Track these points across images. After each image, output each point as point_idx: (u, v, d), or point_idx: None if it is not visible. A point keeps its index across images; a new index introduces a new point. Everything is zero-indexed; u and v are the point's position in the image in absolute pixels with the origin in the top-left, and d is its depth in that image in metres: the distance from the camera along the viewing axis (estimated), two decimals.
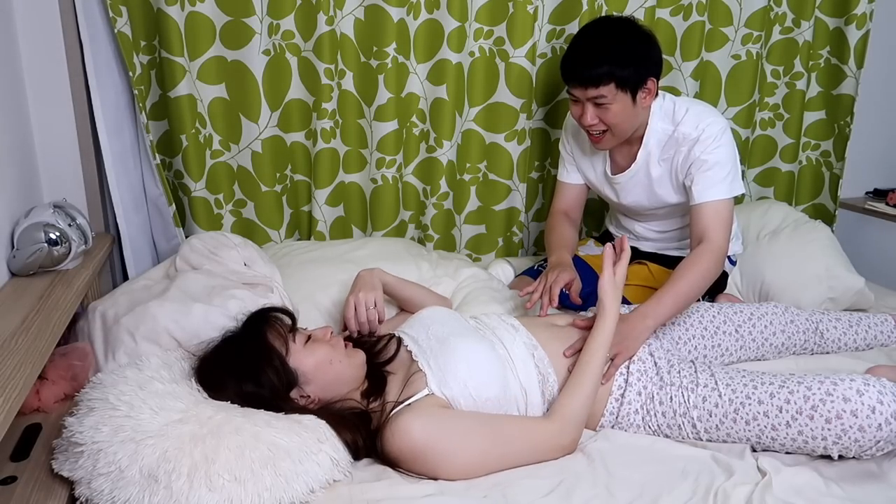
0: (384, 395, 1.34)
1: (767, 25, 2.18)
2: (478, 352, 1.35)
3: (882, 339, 1.73)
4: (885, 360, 1.63)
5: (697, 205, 1.64)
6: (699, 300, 1.85)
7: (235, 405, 1.21)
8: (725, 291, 1.97)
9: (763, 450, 1.32)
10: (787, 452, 1.30)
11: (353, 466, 1.23)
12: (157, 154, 1.83)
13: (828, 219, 2.36)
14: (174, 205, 1.86)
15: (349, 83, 1.91)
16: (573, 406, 1.30)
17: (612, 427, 1.39)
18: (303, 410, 1.26)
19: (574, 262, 1.79)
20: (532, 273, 1.99)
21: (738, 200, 2.28)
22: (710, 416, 1.33)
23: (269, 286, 1.57)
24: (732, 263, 1.98)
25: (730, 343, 1.61)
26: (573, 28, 1.99)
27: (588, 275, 1.88)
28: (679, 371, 1.41)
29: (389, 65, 1.90)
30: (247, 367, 1.25)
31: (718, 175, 1.64)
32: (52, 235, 1.45)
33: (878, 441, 1.21)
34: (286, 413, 1.22)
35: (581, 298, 1.68)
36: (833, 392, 1.24)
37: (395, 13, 1.87)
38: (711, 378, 1.37)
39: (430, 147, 2.04)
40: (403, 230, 2.10)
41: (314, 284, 1.73)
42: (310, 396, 1.29)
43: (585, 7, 1.97)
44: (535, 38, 1.99)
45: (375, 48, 1.89)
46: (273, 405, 1.23)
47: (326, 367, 1.30)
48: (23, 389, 1.03)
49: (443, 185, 2.06)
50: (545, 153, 2.16)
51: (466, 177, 2.10)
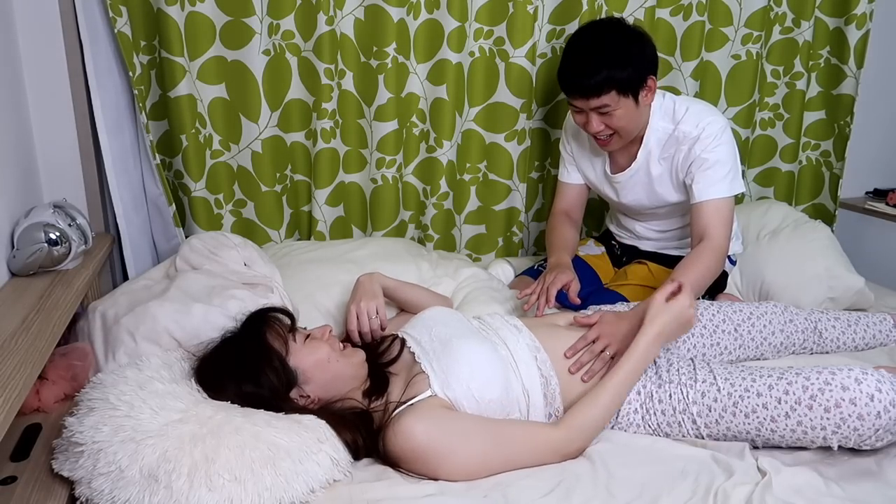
0: (386, 396, 1.34)
1: (767, 25, 2.18)
2: (480, 353, 1.35)
3: (881, 339, 1.73)
4: (885, 360, 1.63)
5: (698, 203, 1.65)
6: (699, 299, 1.85)
7: (235, 405, 1.21)
8: (725, 291, 1.97)
9: (763, 443, 1.32)
10: (788, 446, 1.30)
11: (354, 466, 1.23)
12: (157, 154, 1.83)
13: (828, 219, 2.36)
14: (174, 205, 1.86)
15: (349, 83, 1.91)
16: (585, 418, 1.30)
17: (612, 427, 1.39)
18: (303, 410, 1.26)
19: (574, 262, 1.79)
20: (532, 273, 1.99)
21: (738, 200, 2.28)
22: (710, 411, 1.33)
23: (269, 286, 1.57)
24: (732, 263, 1.98)
25: (729, 342, 1.61)
26: (573, 28, 1.99)
27: (588, 275, 1.88)
28: (678, 369, 1.41)
29: (389, 65, 1.90)
30: (246, 368, 1.25)
31: (719, 173, 1.64)
32: (52, 235, 1.45)
33: (878, 430, 1.21)
34: (286, 413, 1.22)
35: (580, 298, 1.68)
36: (831, 381, 1.24)
37: (395, 13, 1.87)
38: (710, 374, 1.37)
39: (430, 147, 2.04)
40: (403, 230, 2.10)
41: (314, 284, 1.73)
42: (309, 396, 1.29)
43: (585, 7, 1.97)
44: (535, 38, 1.99)
45: (375, 48, 1.89)
46: (273, 405, 1.23)
47: (325, 366, 1.30)
48: (23, 389, 1.03)
49: (443, 185, 2.06)
50: (545, 153, 2.16)
51: (466, 177, 2.10)
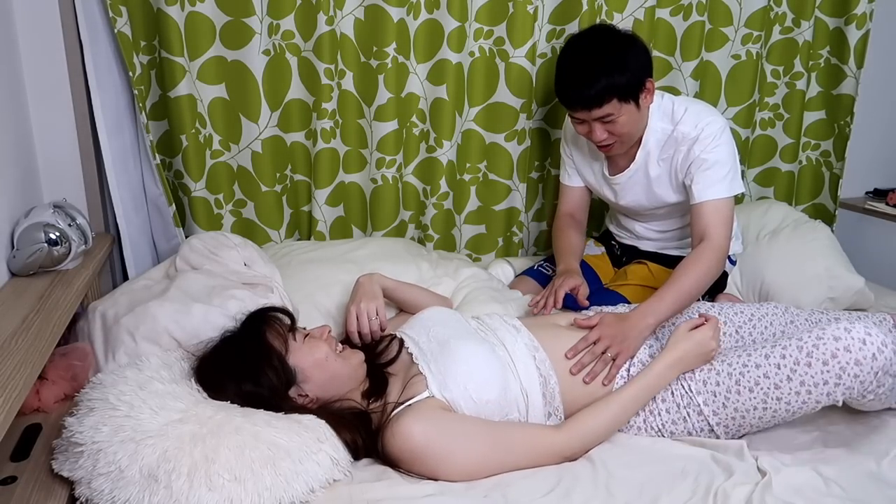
0: (385, 396, 1.34)
1: (767, 25, 2.17)
2: (478, 354, 1.35)
3: None
4: None
5: (698, 204, 1.64)
6: (699, 300, 1.85)
7: (235, 405, 1.21)
8: (725, 291, 1.97)
9: (772, 418, 1.32)
10: (796, 417, 1.32)
11: (354, 466, 1.24)
12: (157, 154, 1.83)
13: (828, 219, 2.36)
14: (174, 205, 1.86)
15: (349, 83, 1.91)
16: (588, 427, 1.30)
17: None
18: (302, 410, 1.26)
19: None
20: (532, 273, 1.99)
21: (738, 200, 2.28)
22: (716, 396, 1.34)
23: (269, 286, 1.57)
24: (732, 263, 1.98)
25: (730, 344, 1.61)
26: (573, 28, 1.99)
27: (588, 275, 1.88)
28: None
29: (389, 65, 1.90)
30: (246, 368, 1.25)
31: (718, 174, 1.64)
32: (52, 235, 1.45)
33: (877, 372, 1.23)
34: (285, 412, 1.22)
35: (586, 301, 1.68)
36: (822, 336, 1.27)
37: (395, 13, 1.87)
38: (725, 353, 1.39)
39: (430, 147, 2.04)
40: (403, 230, 2.10)
41: (314, 284, 1.73)
42: (308, 395, 1.29)
43: (585, 7, 1.97)
44: (535, 38, 1.98)
45: (375, 48, 1.89)
46: (272, 404, 1.23)
47: (324, 365, 1.30)
48: (23, 389, 1.03)
49: (443, 185, 2.06)
50: (545, 153, 2.16)
51: (466, 177, 2.10)
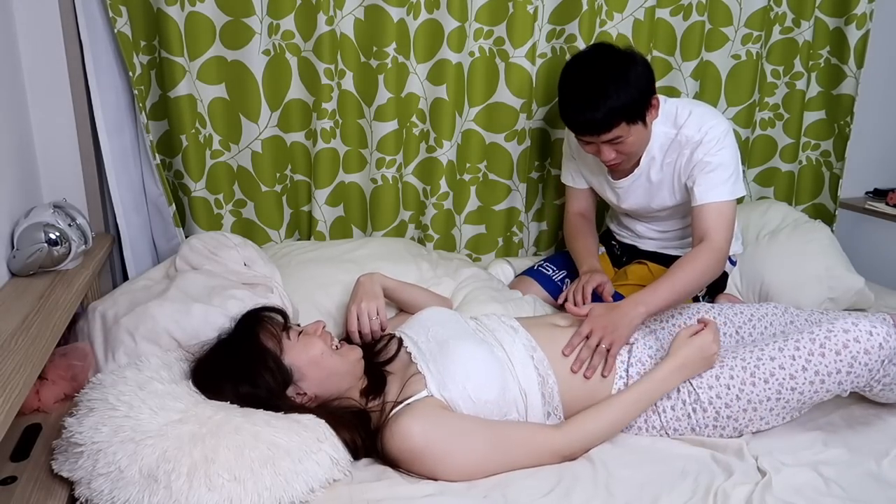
0: (383, 395, 1.34)
1: (767, 25, 2.17)
2: (476, 355, 1.35)
3: None
4: None
5: (699, 206, 1.64)
6: (699, 300, 1.85)
7: (235, 405, 1.21)
8: (725, 292, 1.97)
9: (781, 410, 1.34)
10: (801, 408, 1.35)
11: (353, 466, 1.24)
12: (157, 154, 1.83)
13: (828, 219, 2.36)
14: (174, 205, 1.86)
15: (349, 83, 1.91)
16: (588, 428, 1.30)
17: None
18: (301, 409, 1.26)
19: None
20: (532, 273, 1.99)
21: (738, 201, 2.28)
22: (729, 389, 1.34)
23: (269, 286, 1.57)
24: (733, 264, 1.97)
25: (730, 344, 1.61)
26: (573, 28, 1.99)
27: None
28: None
29: (389, 65, 1.90)
30: (242, 370, 1.25)
31: (721, 177, 1.63)
32: (52, 235, 1.45)
33: (883, 360, 1.29)
34: (284, 412, 1.22)
35: (611, 298, 1.68)
36: (833, 328, 1.33)
37: (395, 13, 1.87)
38: (725, 353, 1.40)
39: (430, 147, 2.04)
40: (403, 230, 2.10)
41: (314, 284, 1.73)
42: (306, 393, 1.29)
43: (585, 7, 1.97)
44: (535, 38, 1.98)
45: (375, 48, 1.89)
46: (271, 405, 1.23)
47: (320, 362, 1.30)
48: (23, 389, 1.03)
49: (443, 185, 2.06)
50: (545, 153, 2.16)
51: (466, 177, 2.10)
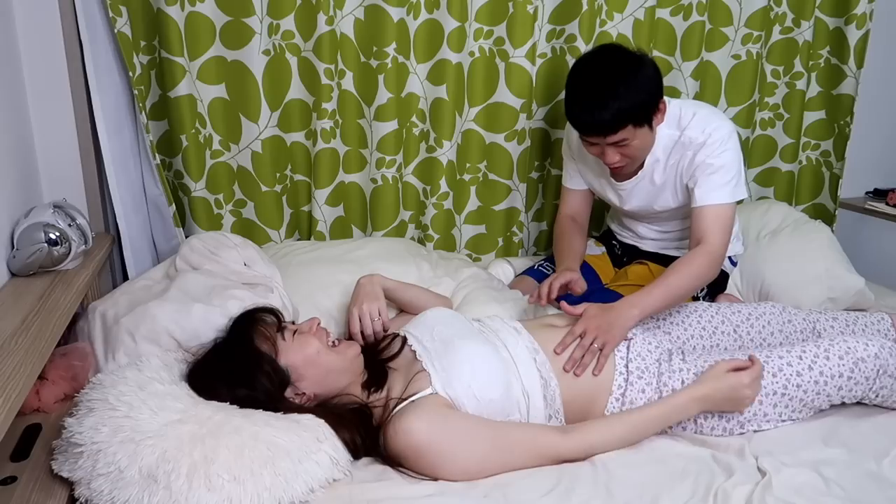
0: (387, 392, 1.34)
1: (767, 25, 2.17)
2: (481, 354, 1.35)
3: None
4: None
5: (699, 208, 1.63)
6: (698, 299, 1.85)
7: (234, 406, 1.21)
8: (725, 292, 1.96)
9: (787, 405, 1.37)
10: (802, 409, 1.40)
11: (353, 466, 1.24)
12: (157, 154, 1.83)
13: (828, 219, 2.36)
14: (174, 205, 1.86)
15: (349, 83, 1.91)
16: (597, 439, 1.29)
17: None
18: (300, 409, 1.26)
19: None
20: (532, 273, 1.99)
21: (739, 202, 2.28)
22: None
23: (269, 286, 1.57)
24: (733, 264, 1.97)
25: (728, 343, 1.61)
26: (573, 28, 1.99)
27: (588, 275, 1.88)
28: (682, 358, 1.43)
29: (389, 65, 1.90)
30: (238, 374, 1.25)
31: (722, 179, 1.62)
32: (52, 235, 1.45)
33: (878, 369, 1.38)
34: (284, 412, 1.22)
35: (582, 296, 1.67)
36: (834, 339, 1.44)
37: (395, 13, 1.87)
38: (725, 352, 1.43)
39: (430, 147, 2.03)
40: (403, 230, 2.10)
41: (314, 284, 1.73)
42: (305, 393, 1.29)
43: (585, 7, 1.97)
44: (535, 38, 1.98)
45: (375, 48, 1.89)
46: (269, 406, 1.23)
47: (316, 360, 1.30)
48: (23, 389, 1.03)
49: (443, 185, 2.06)
50: (545, 153, 2.16)
51: (466, 177, 2.10)
